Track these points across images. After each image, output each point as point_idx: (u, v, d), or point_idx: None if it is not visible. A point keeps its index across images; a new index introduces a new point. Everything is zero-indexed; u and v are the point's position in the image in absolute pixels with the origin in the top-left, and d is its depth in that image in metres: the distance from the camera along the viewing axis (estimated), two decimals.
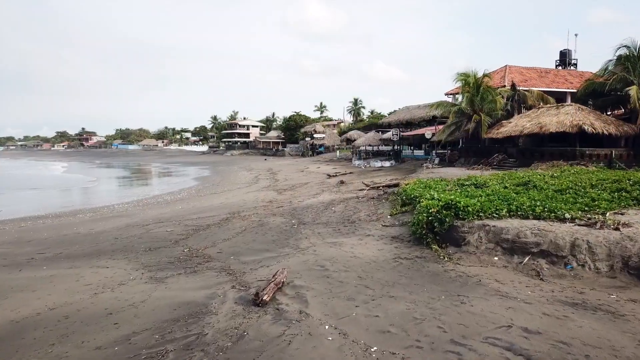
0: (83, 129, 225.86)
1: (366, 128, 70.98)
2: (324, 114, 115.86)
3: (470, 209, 10.19)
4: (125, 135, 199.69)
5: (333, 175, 35.16)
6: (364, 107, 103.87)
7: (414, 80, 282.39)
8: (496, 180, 15.30)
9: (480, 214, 10.16)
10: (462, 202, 10.40)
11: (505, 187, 13.65)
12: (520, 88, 28.85)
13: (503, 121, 27.20)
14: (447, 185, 15.22)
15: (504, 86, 29.38)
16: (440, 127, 35.71)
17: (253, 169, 56.93)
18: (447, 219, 10.20)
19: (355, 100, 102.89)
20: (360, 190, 20.84)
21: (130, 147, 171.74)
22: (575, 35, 54.51)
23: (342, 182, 27.03)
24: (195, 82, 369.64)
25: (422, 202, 11.43)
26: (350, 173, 36.32)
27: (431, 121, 43.37)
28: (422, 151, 40.59)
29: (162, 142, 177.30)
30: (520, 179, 14.67)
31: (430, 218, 10.45)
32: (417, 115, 43.66)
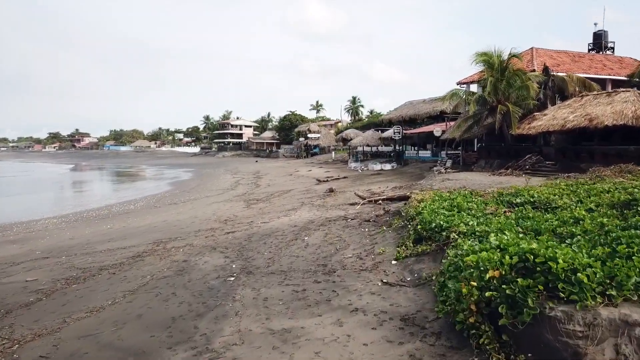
0: (77, 129, 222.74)
1: (365, 127, 65.20)
2: (321, 114, 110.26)
3: (584, 278, 4.43)
4: (118, 137, 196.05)
5: (323, 181, 29.48)
6: (362, 106, 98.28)
7: (414, 81, 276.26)
8: (565, 194, 9.57)
9: (611, 291, 4.41)
10: (560, 260, 4.64)
11: (591, 210, 7.98)
12: (555, 73, 23.15)
13: (535, 113, 21.49)
14: (486, 205, 9.52)
15: (533, 71, 23.66)
16: (452, 123, 30.00)
17: (239, 172, 51.47)
18: (527, 300, 4.46)
19: (354, 98, 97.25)
20: (352, 204, 15.13)
21: (122, 148, 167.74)
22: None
23: (331, 191, 21.31)
24: (194, 83, 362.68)
25: (466, 254, 5.66)
26: (344, 178, 30.63)
27: (437, 117, 37.73)
28: (429, 152, 34.86)
29: (155, 143, 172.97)
30: (612, 195, 8.92)
31: (486, 294, 4.72)
32: (422, 111, 37.99)
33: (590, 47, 30.53)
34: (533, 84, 20.94)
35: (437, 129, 29.82)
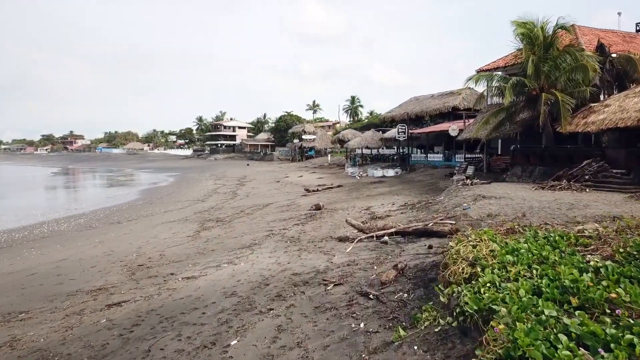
0: (71, 132, 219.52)
1: (365, 128, 59.69)
2: (319, 115, 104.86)
3: None
4: (112, 139, 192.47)
5: (312, 191, 24.07)
6: (362, 106, 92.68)
7: (414, 84, 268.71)
8: None
9: None
10: None
11: None
12: (614, 53, 17.76)
13: (592, 104, 16.07)
14: None
15: (583, 50, 18.20)
16: (470, 121, 24.54)
17: (223, 177, 46.19)
18: None
19: (353, 98, 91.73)
20: (340, 240, 9.66)
21: (115, 150, 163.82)
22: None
23: (317, 208, 15.86)
24: (192, 86, 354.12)
25: None
26: (338, 187, 25.20)
27: (448, 115, 32.32)
28: (441, 155, 29.38)
29: (148, 145, 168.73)
30: None
31: None
32: (430, 107, 32.58)
33: (638, 28, 25.11)
34: (593, 63, 15.50)
35: (452, 126, 24.38)
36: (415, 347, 4.10)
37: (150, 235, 13.74)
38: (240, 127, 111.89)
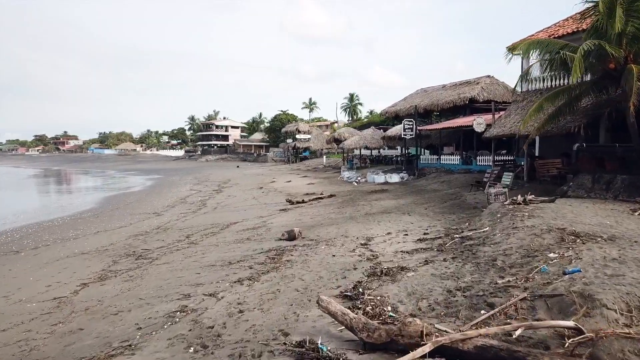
0: (65, 132, 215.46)
1: (364, 128, 54.28)
2: (316, 114, 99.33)
3: None
4: (105, 139, 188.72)
5: (297, 202, 18.77)
6: (361, 104, 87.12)
7: (414, 86, 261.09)
8: None
9: None
10: None
11: None
12: None
13: None
14: None
15: None
16: (501, 113, 19.09)
17: (205, 182, 41.00)
18: None
19: (352, 95, 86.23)
20: (302, 355, 4.24)
21: (106, 151, 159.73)
22: None
23: (291, 239, 10.52)
24: (191, 87, 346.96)
25: None
26: (330, 196, 19.84)
27: (464, 108, 26.90)
28: (458, 157, 23.92)
29: (141, 146, 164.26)
30: None
31: None
32: (442, 100, 27.17)
33: None
34: None
35: (478, 120, 18.95)
36: None
37: (10, 290, 8.34)
38: (233, 127, 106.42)
